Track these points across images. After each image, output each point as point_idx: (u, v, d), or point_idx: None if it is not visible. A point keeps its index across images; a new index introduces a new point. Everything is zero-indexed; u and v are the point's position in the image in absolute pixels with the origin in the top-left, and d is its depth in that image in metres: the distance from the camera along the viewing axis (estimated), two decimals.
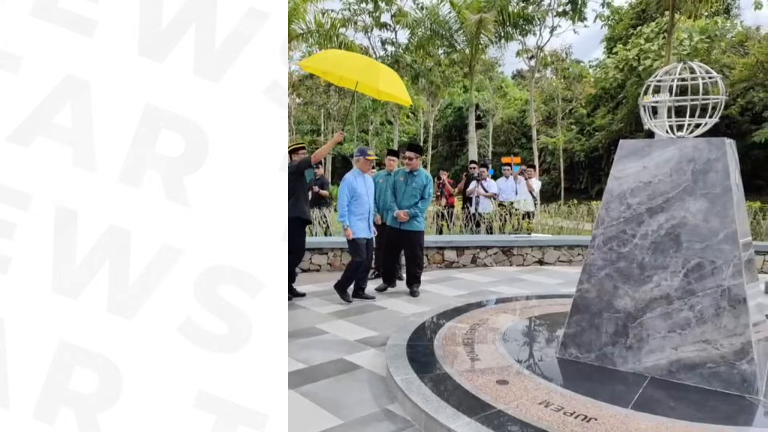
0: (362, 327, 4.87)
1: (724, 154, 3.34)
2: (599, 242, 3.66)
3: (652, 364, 3.37)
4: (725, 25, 25.86)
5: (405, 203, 6.09)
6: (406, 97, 5.78)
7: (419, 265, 6.22)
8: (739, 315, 3.15)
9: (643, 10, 28.00)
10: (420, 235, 6.22)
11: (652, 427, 2.66)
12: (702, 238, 3.31)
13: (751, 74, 21.48)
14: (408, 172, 6.17)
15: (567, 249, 8.78)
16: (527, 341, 4.26)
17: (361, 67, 5.64)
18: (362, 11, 21.14)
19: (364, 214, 5.74)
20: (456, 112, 35.61)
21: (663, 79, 3.68)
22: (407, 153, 6.23)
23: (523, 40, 21.55)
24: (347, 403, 3.22)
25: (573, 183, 30.16)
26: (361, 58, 6.18)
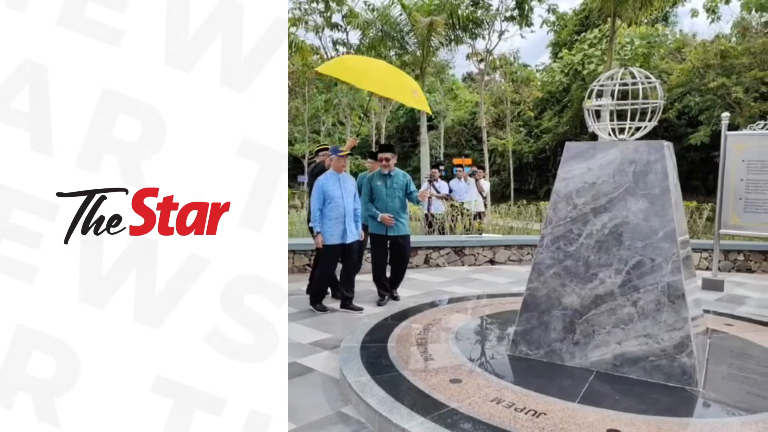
0: (315, 329, 4.82)
1: (662, 156, 3.49)
2: (547, 241, 3.76)
3: (598, 359, 3.48)
4: (664, 32, 27.14)
5: (391, 206, 5.74)
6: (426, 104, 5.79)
7: (404, 269, 6.00)
8: (679, 310, 3.29)
9: (586, 17, 29.00)
10: (408, 238, 5.95)
11: (598, 420, 2.75)
12: (643, 236, 3.45)
13: (687, 80, 22.58)
14: (385, 174, 5.84)
15: (517, 248, 8.98)
16: (479, 340, 4.32)
17: (388, 75, 5.55)
18: (313, 11, 21.02)
19: (339, 217, 5.25)
20: (408, 113, 35.85)
21: (605, 83, 3.82)
22: (384, 154, 5.87)
23: (473, 44, 21.97)
24: (300, 407, 3.18)
25: (522, 184, 30.89)
26: (384, 65, 5.97)
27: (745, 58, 20.47)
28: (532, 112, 30.72)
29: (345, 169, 5.42)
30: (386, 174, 5.85)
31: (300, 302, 5.87)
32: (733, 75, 20.35)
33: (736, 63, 20.58)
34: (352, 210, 5.37)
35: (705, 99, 21.40)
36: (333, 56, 22.19)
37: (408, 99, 5.50)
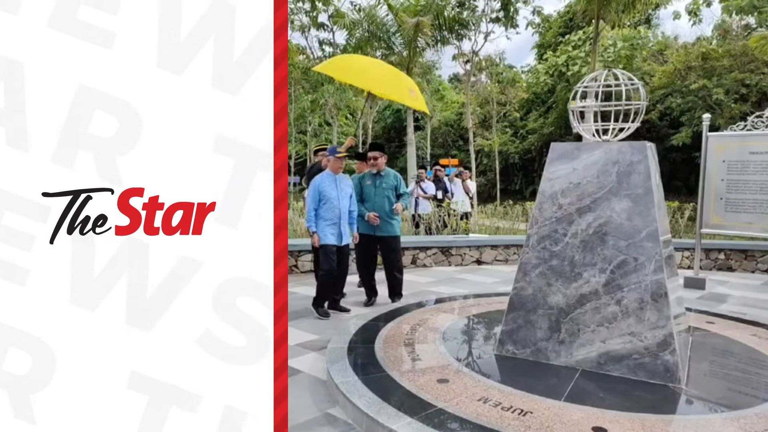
0: (302, 331, 4.82)
1: (645, 157, 3.54)
2: (533, 241, 3.79)
3: (583, 357, 3.52)
4: (646, 35, 27.47)
5: (380, 206, 5.64)
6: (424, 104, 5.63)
7: (400, 270, 5.86)
8: (661, 308, 3.34)
9: (570, 19, 29.27)
10: (397, 239, 5.85)
11: (583, 418, 2.78)
12: (626, 236, 3.49)
13: (669, 81, 22.87)
14: (375, 174, 5.75)
15: (503, 248, 9.04)
16: (466, 339, 4.34)
17: (385, 74, 5.39)
18: (299, 10, 20.96)
19: (334, 219, 5.21)
20: (395, 113, 35.90)
21: (589, 85, 3.86)
22: (372, 153, 5.76)
23: (459, 45, 22.06)
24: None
25: (508, 184, 31.06)
26: (382, 64, 5.81)
27: (725, 61, 20.79)
28: (517, 112, 30.93)
29: (342, 170, 5.36)
30: (375, 174, 5.75)
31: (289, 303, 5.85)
32: (714, 77, 20.66)
33: (717, 65, 20.90)
34: (347, 212, 5.33)
35: (686, 100, 21.69)
36: (319, 56, 22.17)
37: (405, 98, 5.38)
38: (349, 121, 33.78)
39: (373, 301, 5.80)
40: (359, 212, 5.63)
